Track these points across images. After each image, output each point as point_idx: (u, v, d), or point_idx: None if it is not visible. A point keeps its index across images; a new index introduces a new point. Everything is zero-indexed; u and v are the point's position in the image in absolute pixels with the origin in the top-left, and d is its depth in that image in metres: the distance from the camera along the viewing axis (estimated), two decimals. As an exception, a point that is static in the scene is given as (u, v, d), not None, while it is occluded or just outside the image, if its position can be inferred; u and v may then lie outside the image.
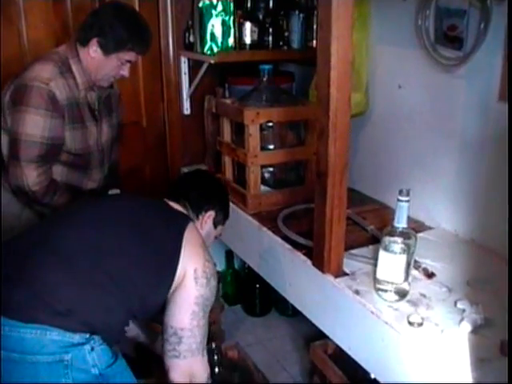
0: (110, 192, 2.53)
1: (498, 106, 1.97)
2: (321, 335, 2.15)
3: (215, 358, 2.46)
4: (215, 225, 2.15)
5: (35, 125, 2.14)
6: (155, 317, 1.99)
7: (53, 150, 2.22)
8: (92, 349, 1.67)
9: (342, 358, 2.23)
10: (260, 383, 2.53)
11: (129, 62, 2.28)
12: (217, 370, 2.47)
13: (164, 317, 1.85)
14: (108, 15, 2.22)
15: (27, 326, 1.61)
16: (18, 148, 2.16)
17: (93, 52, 2.22)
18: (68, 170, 2.35)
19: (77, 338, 1.65)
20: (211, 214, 2.11)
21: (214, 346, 2.46)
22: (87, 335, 1.67)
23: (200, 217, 2.09)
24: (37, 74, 2.15)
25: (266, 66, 2.59)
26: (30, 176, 2.18)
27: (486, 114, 2.04)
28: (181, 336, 1.82)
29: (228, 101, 2.76)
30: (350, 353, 1.92)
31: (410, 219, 1.76)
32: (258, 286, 3.38)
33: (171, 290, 1.83)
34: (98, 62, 2.24)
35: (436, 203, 2.33)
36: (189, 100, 3.26)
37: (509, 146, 0.87)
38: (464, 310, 1.69)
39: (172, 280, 1.82)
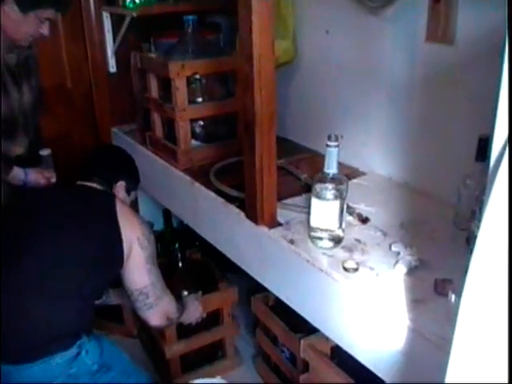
0: (41, 152, 2.44)
1: (425, 47, 1.95)
2: (263, 288, 2.14)
3: (178, 255, 2.90)
4: (128, 192, 2.25)
5: None
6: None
7: None
8: (86, 352, 1.90)
9: (283, 309, 2.22)
10: (219, 278, 2.82)
11: (48, 19, 2.17)
12: (180, 264, 2.91)
13: (125, 284, 2.04)
14: None
15: (34, 364, 1.82)
16: None
17: (9, 10, 2.09)
18: None
19: (73, 350, 1.87)
20: (122, 183, 2.22)
21: (177, 246, 2.93)
22: (78, 342, 1.89)
23: (112, 189, 2.19)
24: None
25: (190, 17, 2.51)
26: None
27: (414, 56, 2.02)
28: (146, 292, 2.03)
29: (153, 55, 2.67)
30: (288, 303, 1.90)
31: (343, 166, 1.75)
32: (197, 243, 3.33)
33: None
34: (15, 22, 2.12)
35: (369, 149, 2.31)
36: (114, 58, 3.13)
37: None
38: (399, 253, 1.69)
39: (122, 258, 1.96)
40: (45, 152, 2.45)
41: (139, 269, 2.00)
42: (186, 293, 2.49)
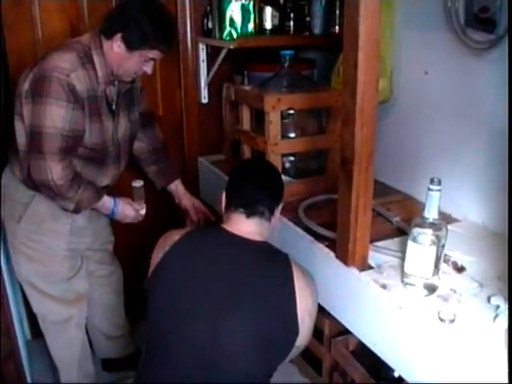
0: (133, 184, 2.41)
1: (531, 91, 1.87)
2: (344, 331, 2.07)
3: None
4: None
5: (56, 117, 2.04)
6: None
7: (73, 143, 2.14)
8: None
9: (364, 355, 2.14)
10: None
11: (152, 59, 2.20)
12: None
13: None
14: (134, 9, 2.10)
15: None
16: (40, 141, 2.06)
17: (116, 47, 2.12)
18: (83, 165, 2.25)
19: None
20: (280, 206, 1.96)
21: None
22: None
23: (272, 218, 1.92)
24: (57, 64, 2.05)
25: (288, 52, 2.51)
26: (55, 169, 2.09)
27: (518, 100, 1.95)
28: (300, 347, 1.86)
29: (247, 87, 2.67)
30: (374, 349, 1.83)
31: (436, 210, 1.67)
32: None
33: None
34: (120, 58, 2.15)
35: (463, 194, 2.23)
36: (206, 88, 3.16)
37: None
38: (498, 306, 1.59)
39: (297, 333, 1.75)
40: (137, 184, 2.42)
41: (304, 336, 1.79)
42: None
